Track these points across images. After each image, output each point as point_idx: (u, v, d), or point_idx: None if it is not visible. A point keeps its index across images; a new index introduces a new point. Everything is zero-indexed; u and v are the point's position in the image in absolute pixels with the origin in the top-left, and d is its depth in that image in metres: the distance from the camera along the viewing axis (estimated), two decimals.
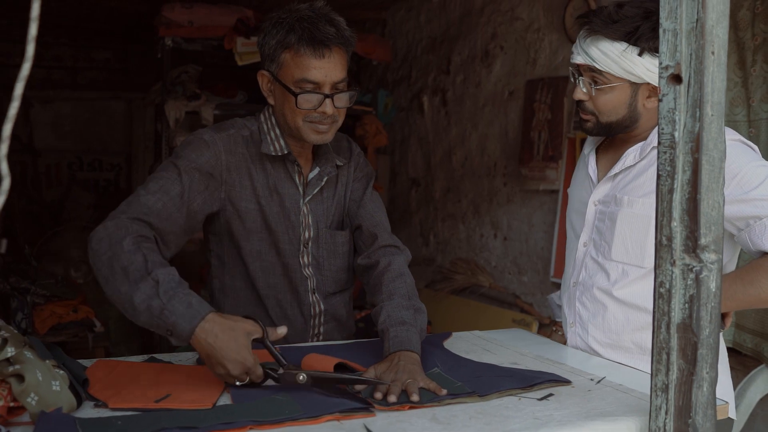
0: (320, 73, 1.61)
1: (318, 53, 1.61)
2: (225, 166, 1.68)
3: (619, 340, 1.68)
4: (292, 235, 1.77)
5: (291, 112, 1.65)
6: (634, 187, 1.64)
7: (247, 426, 1.17)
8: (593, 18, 1.61)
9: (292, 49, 1.61)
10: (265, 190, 1.74)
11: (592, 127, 1.69)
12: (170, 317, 1.34)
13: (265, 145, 1.72)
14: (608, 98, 1.62)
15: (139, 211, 1.54)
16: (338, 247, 1.85)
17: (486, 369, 1.53)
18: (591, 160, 1.79)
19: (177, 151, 1.68)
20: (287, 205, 1.76)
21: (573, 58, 1.66)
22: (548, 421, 1.23)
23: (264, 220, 1.75)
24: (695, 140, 1.12)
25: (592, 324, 1.72)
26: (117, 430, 1.14)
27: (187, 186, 1.61)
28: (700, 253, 1.12)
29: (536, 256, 3.84)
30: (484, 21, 4.19)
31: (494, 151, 4.17)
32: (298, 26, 1.61)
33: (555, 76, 3.58)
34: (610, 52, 1.57)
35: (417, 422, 1.21)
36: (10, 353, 1.19)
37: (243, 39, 4.12)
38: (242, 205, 1.73)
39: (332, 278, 1.84)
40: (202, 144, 1.66)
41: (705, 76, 1.11)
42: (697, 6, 1.11)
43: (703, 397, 1.14)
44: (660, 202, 1.17)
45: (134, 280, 1.38)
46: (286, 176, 1.76)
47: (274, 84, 1.67)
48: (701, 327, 1.13)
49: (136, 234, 1.47)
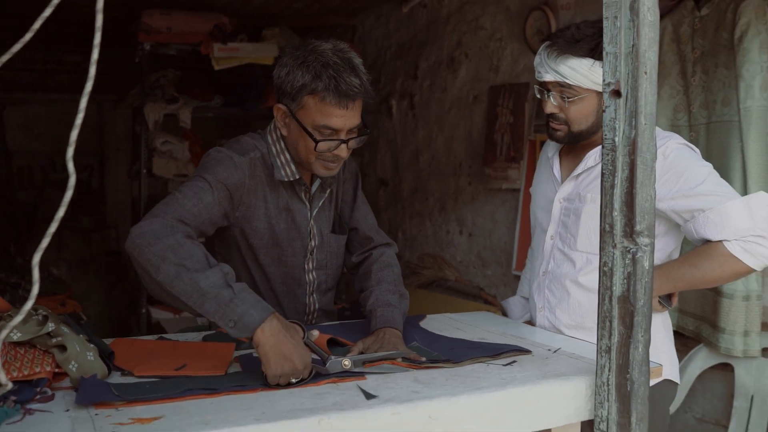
0: (341, 121, 1.69)
1: (342, 104, 1.68)
2: (246, 189, 1.77)
3: (583, 322, 1.91)
4: (299, 246, 1.89)
5: (305, 150, 1.74)
6: (596, 185, 1.87)
7: (258, 388, 1.37)
8: (557, 40, 1.83)
9: (317, 96, 1.67)
10: (276, 209, 1.84)
11: (563, 136, 1.91)
12: (240, 307, 1.40)
13: (277, 170, 1.81)
14: (579, 108, 1.84)
15: (179, 213, 1.61)
16: (339, 249, 2.01)
17: (457, 343, 1.75)
18: (555, 162, 2.02)
19: (206, 166, 1.75)
20: (298, 220, 1.88)
21: (541, 77, 1.86)
22: (512, 380, 1.45)
23: (272, 237, 1.85)
24: (632, 144, 1.36)
25: (559, 308, 1.95)
26: (146, 391, 1.34)
27: (216, 197, 1.69)
28: (636, 237, 1.36)
29: (499, 251, 4.08)
30: (449, 29, 4.43)
31: (459, 152, 4.41)
32: (324, 74, 1.66)
33: (516, 82, 3.83)
34: (578, 67, 1.79)
35: (402, 383, 1.43)
36: (50, 328, 1.38)
37: (219, 44, 4.30)
38: (254, 224, 1.82)
39: (333, 276, 2.01)
40: (231, 165, 1.74)
41: (639, 92, 1.34)
42: (632, 34, 1.35)
43: (639, 356, 1.38)
44: (603, 196, 1.41)
45: (198, 269, 1.44)
46: (296, 196, 1.87)
47: (290, 120, 1.74)
48: (637, 298, 1.37)
49: (185, 233, 1.55)
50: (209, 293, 1.41)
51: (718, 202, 1.73)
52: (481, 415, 1.36)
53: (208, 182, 1.70)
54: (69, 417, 1.21)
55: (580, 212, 1.89)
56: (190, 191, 1.67)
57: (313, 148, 1.71)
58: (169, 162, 4.21)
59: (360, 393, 1.36)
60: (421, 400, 1.32)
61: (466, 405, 1.35)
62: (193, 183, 1.70)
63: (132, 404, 1.27)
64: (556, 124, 1.89)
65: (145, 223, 1.55)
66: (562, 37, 1.82)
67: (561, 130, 1.89)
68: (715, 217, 1.73)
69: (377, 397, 1.33)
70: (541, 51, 1.87)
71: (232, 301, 1.41)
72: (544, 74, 1.85)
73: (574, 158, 1.98)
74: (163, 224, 1.54)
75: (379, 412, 1.27)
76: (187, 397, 1.31)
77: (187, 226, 1.60)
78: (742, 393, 2.54)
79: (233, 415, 1.22)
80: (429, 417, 1.31)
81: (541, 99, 1.90)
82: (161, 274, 1.45)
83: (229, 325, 1.41)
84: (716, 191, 1.73)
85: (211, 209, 1.69)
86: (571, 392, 1.46)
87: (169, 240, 1.49)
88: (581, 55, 1.78)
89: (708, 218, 1.74)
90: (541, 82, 1.89)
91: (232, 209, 1.77)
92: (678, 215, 1.78)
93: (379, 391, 1.37)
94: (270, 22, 4.75)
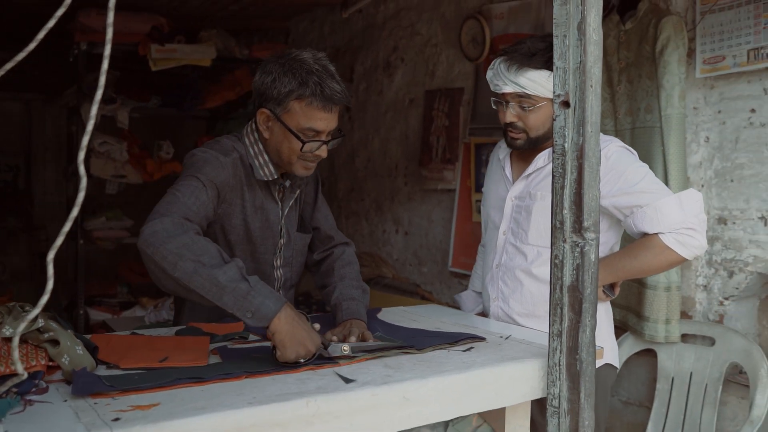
0: (324, 123, 1.83)
1: (327, 108, 1.82)
2: (229, 187, 1.87)
3: (535, 310, 2.07)
4: (270, 244, 2.00)
5: (288, 151, 1.86)
6: (545, 184, 2.04)
7: (242, 376, 1.47)
8: (513, 54, 1.98)
9: (303, 101, 1.80)
10: (252, 208, 1.95)
11: (522, 144, 2.06)
12: (257, 298, 1.52)
13: (257, 170, 1.92)
14: (537, 116, 2.01)
15: (183, 211, 1.70)
16: (304, 248, 2.12)
17: (417, 332, 1.89)
18: (507, 163, 2.18)
19: (196, 166, 1.84)
20: (271, 219, 1.99)
21: (499, 89, 2.01)
22: (473, 364, 1.60)
23: (246, 234, 1.95)
24: (579, 150, 1.52)
25: (513, 298, 2.11)
26: (136, 381, 1.41)
27: (209, 195, 1.80)
28: (583, 233, 1.52)
29: (435, 249, 4.25)
30: (386, 34, 4.57)
31: (395, 153, 4.56)
32: (310, 81, 1.80)
33: (452, 87, 4.00)
34: (537, 78, 1.95)
35: (374, 369, 1.55)
36: (41, 324, 1.43)
37: (157, 45, 4.31)
38: (233, 221, 1.93)
39: (297, 273, 2.12)
40: (218, 164, 1.84)
41: (586, 103, 1.51)
42: (580, 51, 1.51)
43: (586, 339, 1.54)
44: (554, 196, 1.57)
45: (214, 265, 1.54)
46: (270, 196, 1.99)
47: (274, 123, 1.86)
48: (585, 287, 1.53)
49: (195, 230, 1.64)
50: (227, 287, 1.52)
51: (654, 198, 1.93)
52: (448, 395, 1.50)
53: (201, 181, 1.79)
54: (69, 407, 1.28)
55: (531, 209, 2.05)
56: (187, 190, 1.76)
57: (299, 149, 1.84)
58: (107, 163, 4.19)
59: (338, 378, 1.47)
60: (395, 383, 1.45)
61: (434, 386, 1.48)
62: (188, 182, 1.78)
63: (126, 393, 1.34)
64: (515, 132, 2.04)
65: (155, 222, 1.62)
66: (517, 52, 1.98)
67: (520, 138, 2.05)
68: (651, 213, 1.93)
69: (355, 381, 1.45)
70: (496, 65, 2.02)
71: (249, 294, 1.52)
72: (502, 86, 2.00)
73: (523, 160, 2.15)
74: (174, 222, 1.63)
75: (359, 394, 1.39)
76: (178, 386, 1.39)
77: (193, 224, 1.69)
78: (663, 376, 2.78)
79: (227, 400, 1.32)
80: (403, 398, 1.43)
81: (498, 110, 2.05)
82: (178, 270, 1.54)
83: (247, 315, 1.53)
84: (652, 189, 1.94)
85: (206, 207, 1.79)
86: (525, 373, 1.62)
87: (183, 238, 1.58)
88: (538, 67, 1.95)
89: (645, 213, 1.94)
90: (499, 94, 2.04)
91: (217, 205, 1.86)
92: (619, 211, 1.98)
93: (355, 375, 1.49)
94: (206, 23, 4.78)
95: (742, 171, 2.63)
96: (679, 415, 2.69)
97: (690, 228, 1.91)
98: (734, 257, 2.66)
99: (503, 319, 2.13)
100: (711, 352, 2.65)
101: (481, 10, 3.70)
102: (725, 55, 2.66)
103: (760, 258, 2.57)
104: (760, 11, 2.60)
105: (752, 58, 2.62)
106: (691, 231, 1.91)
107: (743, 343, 2.55)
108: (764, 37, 2.57)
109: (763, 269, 2.57)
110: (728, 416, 2.65)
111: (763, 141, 2.56)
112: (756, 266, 2.59)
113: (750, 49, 2.61)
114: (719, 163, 2.70)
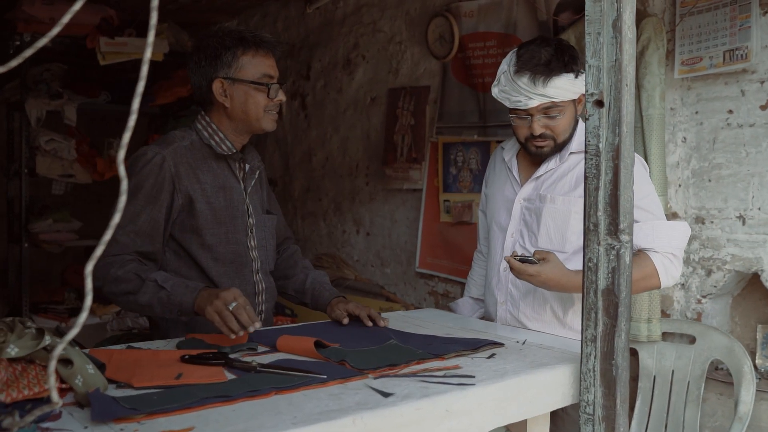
0: (272, 68, 2.02)
1: (269, 54, 2.02)
2: (176, 176, 1.94)
3: (544, 314, 2.04)
4: (240, 223, 2.06)
5: (254, 106, 1.99)
6: (556, 187, 2.01)
7: (271, 392, 1.37)
8: (533, 68, 1.93)
9: (249, 52, 1.98)
10: (213, 188, 2.00)
11: (549, 151, 2.05)
12: (176, 298, 1.78)
13: (216, 147, 2.01)
14: (564, 121, 1.99)
15: (116, 250, 1.88)
16: (272, 230, 2.22)
17: (432, 339, 1.82)
18: (514, 165, 2.14)
19: (132, 173, 1.92)
20: (234, 198, 2.05)
21: (525, 106, 1.96)
22: (505, 372, 1.54)
23: (214, 216, 2.00)
24: (615, 150, 1.49)
25: (523, 302, 2.07)
26: (157, 402, 1.29)
27: (150, 209, 1.92)
28: (619, 235, 1.49)
29: (399, 250, 4.19)
30: (345, 31, 4.48)
31: (356, 152, 4.47)
32: (246, 35, 2.00)
33: (417, 85, 3.95)
34: (562, 84, 1.93)
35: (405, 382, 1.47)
36: (48, 341, 1.30)
37: (106, 39, 4.09)
38: (196, 206, 1.97)
39: (271, 257, 2.20)
40: (153, 167, 1.92)
41: (622, 102, 1.47)
42: (615, 49, 1.48)
43: (621, 344, 1.51)
44: (588, 197, 1.52)
45: (134, 290, 1.82)
46: (231, 174, 2.05)
47: (232, 86, 1.98)
48: (620, 291, 1.50)
49: (119, 263, 1.86)
50: (153, 302, 1.81)
51: (651, 218, 1.98)
52: (488, 406, 1.44)
53: (137, 197, 1.91)
54: None
55: (540, 211, 2.02)
56: (124, 220, 1.89)
57: (264, 98, 1.99)
58: (53, 161, 3.95)
59: (373, 392, 1.39)
60: (436, 395, 1.38)
61: (475, 397, 1.42)
62: (127, 208, 1.86)
63: (152, 416, 1.23)
64: (542, 141, 2.01)
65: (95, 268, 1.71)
66: (535, 64, 1.93)
67: (548, 145, 2.02)
68: (647, 229, 1.97)
69: (393, 394, 1.37)
70: (514, 81, 1.96)
71: (169, 299, 1.79)
72: (528, 102, 1.95)
73: (530, 162, 2.12)
74: (105, 264, 1.86)
75: (402, 409, 1.31)
76: (206, 406, 1.28)
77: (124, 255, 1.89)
78: (645, 375, 2.80)
79: (266, 421, 1.22)
80: (446, 410, 1.36)
81: (518, 125, 2.01)
82: (122, 305, 1.91)
83: (178, 314, 1.80)
84: (653, 210, 1.99)
85: (150, 221, 1.92)
86: (556, 380, 1.57)
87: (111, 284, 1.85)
88: (560, 73, 1.92)
89: (641, 228, 1.97)
90: (521, 110, 1.99)
91: (172, 200, 1.95)
92: None
93: (388, 388, 1.41)
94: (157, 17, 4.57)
95: (720, 171, 2.67)
96: (662, 413, 2.72)
97: (672, 254, 1.97)
98: (712, 256, 2.70)
99: (511, 323, 2.09)
100: (692, 350, 2.68)
101: (450, 8, 3.65)
102: (702, 56, 2.70)
103: (738, 256, 2.62)
104: (736, 13, 2.65)
105: (727, 60, 2.66)
106: (675, 259, 1.97)
107: (724, 341, 2.59)
108: (739, 38, 2.62)
109: (741, 268, 2.61)
110: (708, 413, 2.69)
111: (740, 141, 2.61)
112: (734, 265, 2.63)
113: (726, 50, 2.66)
114: (696, 163, 2.74)
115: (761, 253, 2.54)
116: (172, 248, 2.00)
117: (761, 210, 2.54)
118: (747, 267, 2.58)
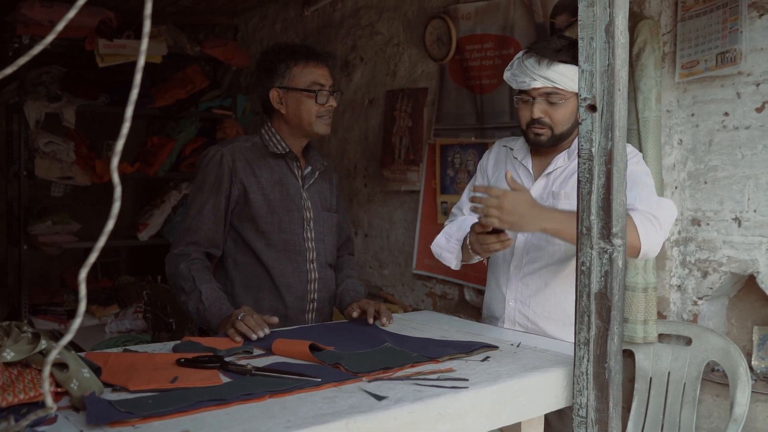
0: (323, 78, 2.22)
1: (321, 65, 2.23)
2: (233, 170, 2.19)
3: (555, 312, 2.05)
4: (296, 216, 2.25)
5: (306, 112, 2.20)
6: (567, 183, 2.03)
7: (265, 396, 1.38)
8: (541, 50, 1.96)
9: (301, 64, 2.21)
10: (269, 182, 2.23)
11: (546, 140, 2.06)
12: (207, 316, 2.03)
13: (272, 146, 2.26)
14: (564, 111, 2.00)
15: (188, 238, 2.16)
16: (332, 227, 2.38)
17: (427, 342, 1.83)
18: (528, 163, 2.16)
19: (199, 169, 2.24)
20: (291, 192, 2.26)
21: (527, 86, 1.99)
22: (499, 375, 1.55)
23: (268, 207, 2.21)
24: (608, 155, 1.49)
25: (534, 300, 2.08)
26: (152, 406, 1.30)
27: (213, 199, 2.17)
28: (612, 239, 1.50)
29: (397, 251, 4.20)
30: (343, 33, 4.49)
31: (354, 154, 4.48)
32: (298, 49, 2.23)
33: (415, 87, 3.96)
34: (567, 72, 1.95)
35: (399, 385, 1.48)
36: (44, 345, 1.31)
37: (105, 41, 4.10)
38: (250, 197, 2.19)
39: (330, 252, 2.36)
40: (214, 162, 2.20)
41: (615, 107, 1.48)
42: (608, 54, 1.48)
43: (614, 347, 1.52)
44: (581, 201, 1.53)
45: (187, 292, 2.07)
46: (288, 171, 2.28)
47: (286, 95, 2.21)
48: (613, 294, 1.50)
49: (188, 259, 2.11)
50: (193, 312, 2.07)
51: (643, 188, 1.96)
52: (480, 409, 1.44)
53: (202, 191, 2.19)
54: None
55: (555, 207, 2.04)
56: (193, 210, 2.19)
57: (314, 104, 2.18)
58: (52, 164, 3.96)
59: (367, 395, 1.40)
60: (429, 398, 1.38)
61: (468, 401, 1.43)
62: (193, 199, 2.20)
63: (147, 420, 1.24)
64: (540, 128, 2.03)
65: (169, 256, 2.17)
66: (545, 48, 1.96)
67: (544, 134, 2.04)
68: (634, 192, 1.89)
69: (387, 397, 1.38)
70: (522, 61, 2.00)
71: (203, 314, 2.05)
72: (531, 82, 1.98)
73: (540, 161, 2.14)
74: (175, 255, 2.14)
75: (396, 412, 1.32)
76: (200, 410, 1.29)
77: (195, 245, 2.16)
78: (641, 376, 2.81)
79: (261, 425, 1.22)
80: (439, 414, 1.37)
81: (521, 108, 2.04)
82: (176, 297, 2.15)
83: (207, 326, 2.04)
84: (646, 183, 1.97)
85: (214, 210, 2.18)
86: (550, 383, 1.58)
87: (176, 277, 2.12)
88: (567, 61, 1.94)
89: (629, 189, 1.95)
90: (525, 91, 2.01)
91: (231, 191, 2.19)
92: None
93: (382, 391, 1.42)
94: (155, 18, 4.59)
95: (716, 173, 2.68)
96: (658, 414, 2.72)
97: (657, 218, 1.87)
98: (708, 258, 2.71)
99: (521, 323, 2.10)
100: (688, 352, 2.69)
101: (447, 10, 3.66)
102: (698, 59, 2.70)
103: (734, 258, 2.62)
104: (727, 16, 2.66)
105: (720, 62, 2.67)
106: (657, 223, 1.87)
107: (721, 343, 2.59)
108: (730, 41, 2.63)
109: (737, 269, 2.62)
110: (703, 414, 2.70)
111: (736, 144, 2.62)
112: (730, 266, 2.64)
113: (718, 53, 2.67)
114: (692, 165, 2.75)
115: (757, 255, 2.55)
116: (231, 237, 2.23)
117: (757, 212, 2.55)
118: (743, 269, 2.59)
